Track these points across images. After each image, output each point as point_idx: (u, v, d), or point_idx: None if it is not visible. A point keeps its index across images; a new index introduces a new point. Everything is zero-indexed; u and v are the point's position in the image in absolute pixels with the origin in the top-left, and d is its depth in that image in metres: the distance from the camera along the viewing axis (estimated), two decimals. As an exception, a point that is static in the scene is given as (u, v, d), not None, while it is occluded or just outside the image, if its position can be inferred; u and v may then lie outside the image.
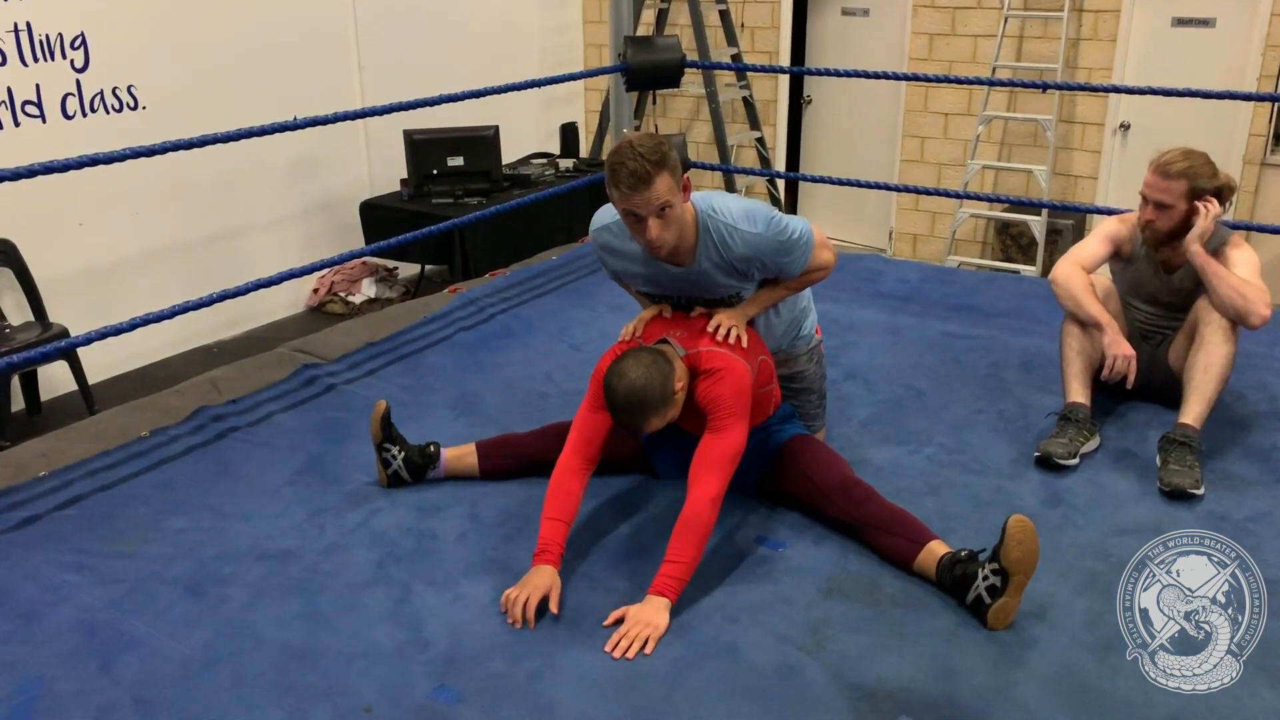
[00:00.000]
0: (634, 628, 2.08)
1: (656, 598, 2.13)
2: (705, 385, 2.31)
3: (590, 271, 4.39)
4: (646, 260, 2.45)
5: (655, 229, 2.25)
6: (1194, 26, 5.86)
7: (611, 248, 2.53)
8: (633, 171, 2.19)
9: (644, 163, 2.18)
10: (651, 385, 2.20)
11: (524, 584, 2.18)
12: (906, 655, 2.04)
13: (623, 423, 2.26)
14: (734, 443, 2.27)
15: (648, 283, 2.54)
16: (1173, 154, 2.83)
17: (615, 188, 2.24)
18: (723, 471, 2.24)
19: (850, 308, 3.86)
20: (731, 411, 2.27)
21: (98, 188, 4.52)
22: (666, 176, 2.22)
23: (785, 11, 6.95)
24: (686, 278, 2.45)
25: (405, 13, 6.06)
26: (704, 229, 2.38)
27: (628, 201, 2.23)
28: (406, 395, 3.19)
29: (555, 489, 2.30)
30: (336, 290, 5.96)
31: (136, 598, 2.22)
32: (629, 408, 2.21)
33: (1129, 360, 2.78)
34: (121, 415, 3.07)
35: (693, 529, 2.17)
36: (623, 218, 2.31)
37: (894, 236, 6.95)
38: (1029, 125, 6.28)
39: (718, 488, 2.22)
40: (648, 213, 2.23)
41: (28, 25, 4.34)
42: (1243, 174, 5.75)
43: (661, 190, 2.21)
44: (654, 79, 4.74)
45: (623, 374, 2.21)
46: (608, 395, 2.24)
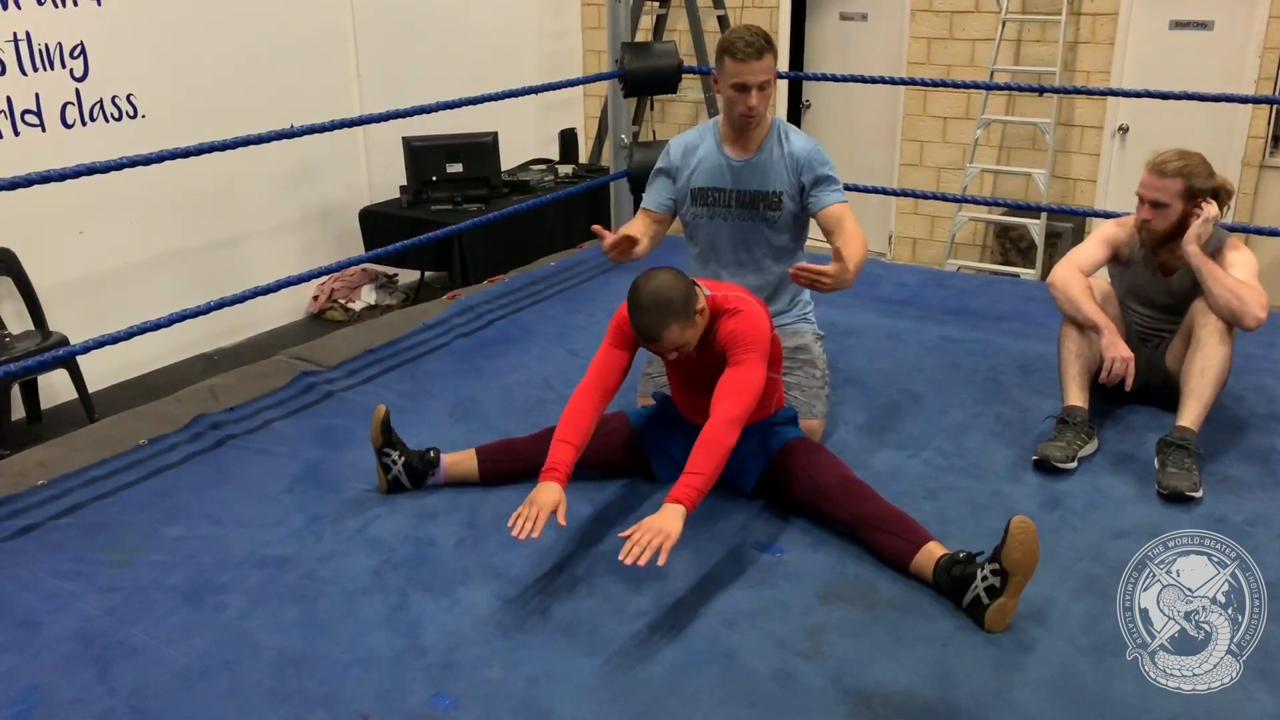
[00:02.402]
0: (645, 534, 2.06)
1: (673, 505, 2.14)
2: (727, 322, 2.40)
3: (589, 277, 4.40)
4: (713, 152, 2.92)
5: (755, 98, 2.75)
6: (1192, 29, 5.86)
7: (688, 145, 2.98)
8: (749, 43, 2.69)
9: (759, 39, 2.71)
10: (676, 293, 2.29)
11: (531, 501, 2.22)
12: (904, 660, 2.04)
13: (643, 326, 2.30)
14: (755, 375, 2.34)
15: (709, 175, 2.92)
16: (1168, 154, 2.84)
17: (731, 56, 2.71)
18: (744, 399, 2.30)
19: (849, 312, 3.86)
20: (751, 346, 2.36)
21: (97, 196, 4.54)
22: (771, 57, 2.73)
23: (784, 16, 6.96)
24: (745, 168, 2.89)
25: (404, 20, 6.07)
26: (774, 125, 2.92)
27: (739, 72, 2.71)
28: (405, 402, 3.20)
29: (569, 414, 2.39)
30: (336, 297, 5.97)
31: (134, 606, 2.22)
32: (652, 307, 2.28)
33: (1127, 362, 2.78)
34: (120, 423, 3.08)
35: (713, 445, 2.23)
36: (727, 91, 2.78)
37: (893, 240, 6.96)
38: (1028, 129, 6.29)
39: (739, 411, 2.28)
40: (754, 83, 2.73)
41: (27, 35, 4.35)
42: (1241, 176, 5.75)
43: (767, 65, 2.72)
44: (651, 85, 4.74)
45: (649, 278, 2.32)
46: (631, 296, 2.31)
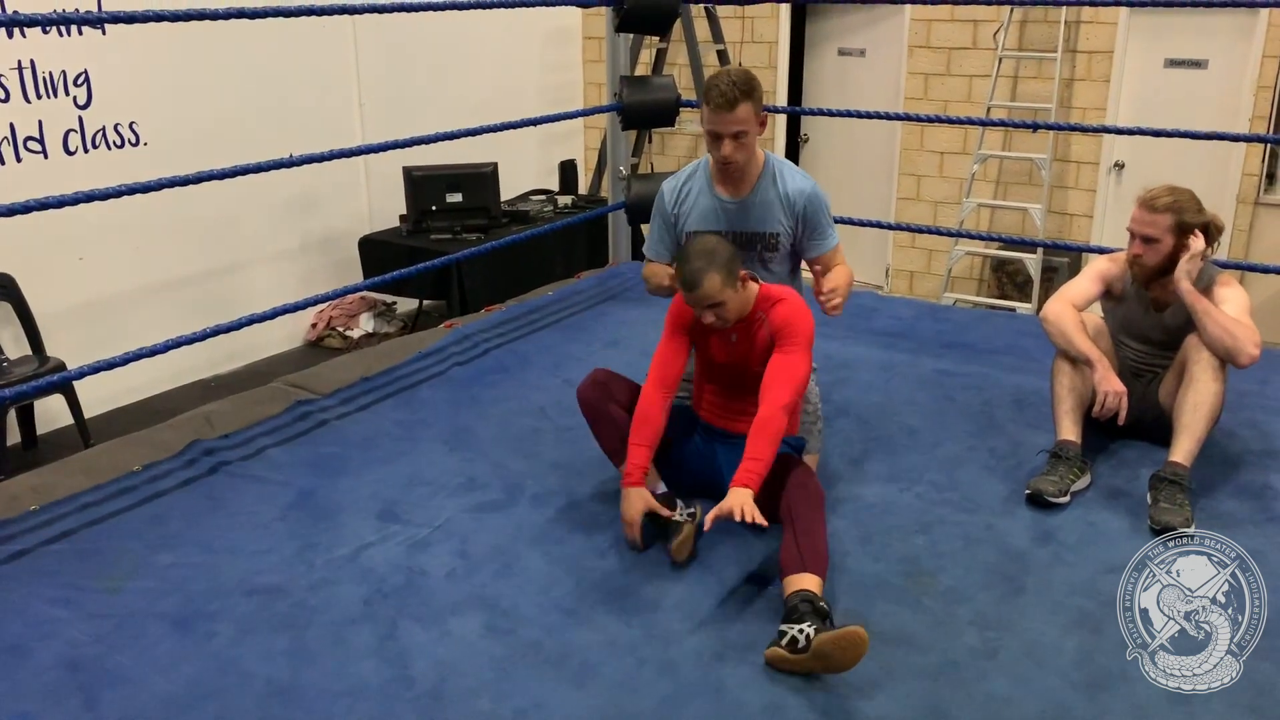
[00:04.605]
0: (733, 503, 2.25)
1: (741, 489, 2.29)
2: (781, 308, 2.53)
3: (586, 307, 4.41)
4: (704, 194, 2.87)
5: (729, 147, 2.69)
6: (1186, 68, 5.93)
7: (678, 187, 2.93)
8: (723, 93, 2.63)
9: (734, 89, 2.63)
10: (723, 249, 2.47)
11: (623, 517, 2.48)
12: (895, 694, 2.03)
13: (688, 271, 2.42)
14: (805, 366, 2.50)
15: (702, 218, 2.87)
16: (1158, 189, 2.86)
17: (706, 104, 2.68)
18: (794, 387, 2.45)
19: (844, 344, 3.87)
20: (803, 336, 2.50)
21: (98, 222, 4.56)
22: (748, 106, 2.65)
23: (782, 51, 7.03)
24: (739, 210, 2.84)
25: (406, 51, 6.13)
26: (767, 164, 2.85)
27: (714, 120, 2.67)
28: (399, 430, 3.20)
29: (640, 417, 2.56)
30: (335, 325, 5.99)
31: (123, 633, 2.21)
32: (700, 254, 2.43)
33: (1120, 396, 2.79)
34: (114, 449, 3.07)
35: (768, 430, 2.38)
36: (706, 135, 2.73)
37: (890, 273, 6.99)
38: (1024, 164, 6.33)
39: (790, 398, 2.43)
40: (726, 133, 2.67)
41: (31, 63, 4.40)
42: (1236, 213, 5.79)
43: (742, 116, 2.65)
44: (649, 118, 4.78)
45: (700, 237, 2.55)
46: (684, 248, 2.52)
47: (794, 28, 7.05)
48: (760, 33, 7.01)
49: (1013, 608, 2.30)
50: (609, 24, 4.69)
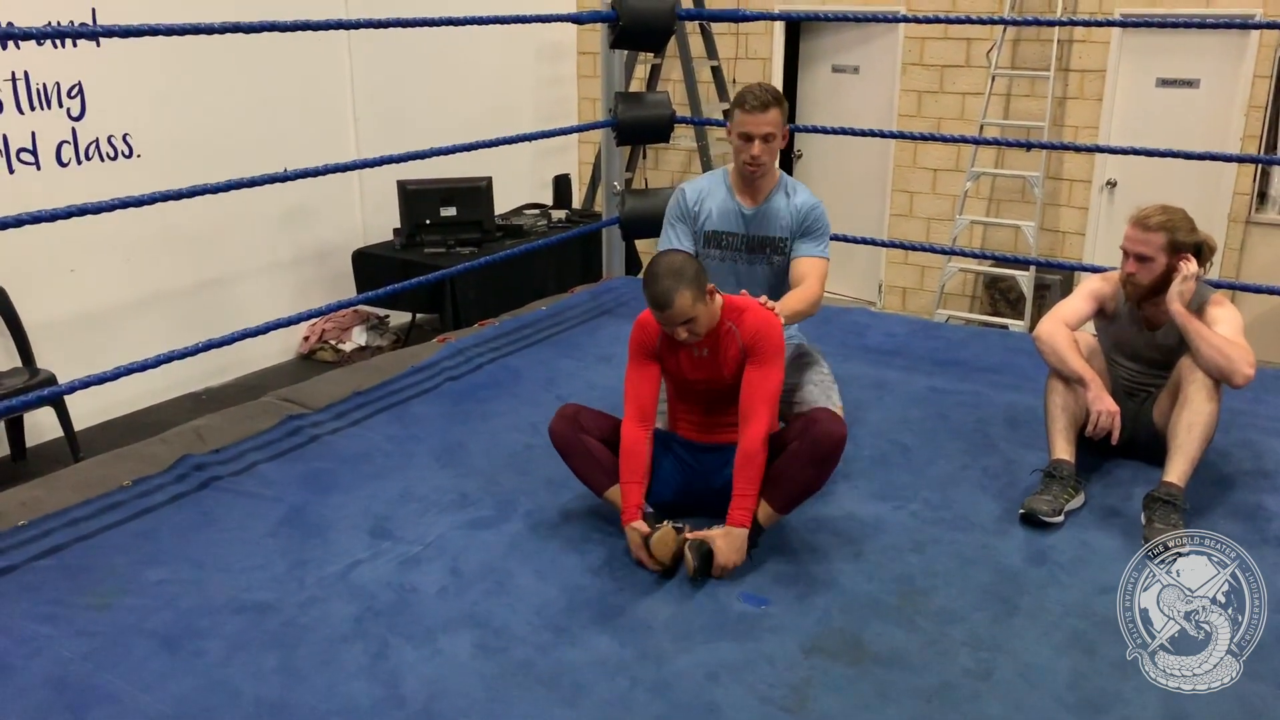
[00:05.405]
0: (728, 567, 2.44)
1: (736, 529, 2.44)
2: (750, 318, 2.58)
3: (580, 322, 4.41)
4: (724, 199, 3.15)
5: (759, 148, 2.98)
6: (1178, 87, 5.97)
7: (700, 190, 3.20)
8: (757, 96, 2.93)
9: (767, 94, 2.95)
10: (689, 267, 2.49)
11: (633, 555, 2.50)
12: (889, 716, 2.02)
13: (658, 292, 2.44)
14: (778, 380, 2.58)
15: (724, 218, 3.15)
16: (1151, 209, 2.87)
17: (740, 107, 2.96)
18: (770, 407, 2.53)
19: (836, 361, 3.85)
20: (775, 347, 2.56)
21: (91, 234, 4.54)
22: (778, 111, 2.96)
23: (776, 68, 7.06)
24: (755, 216, 3.13)
25: (401, 65, 6.14)
26: (781, 179, 3.16)
27: (746, 122, 2.95)
28: (391, 445, 3.18)
29: (626, 455, 2.59)
30: (327, 338, 5.97)
31: (111, 651, 2.19)
32: (666, 274, 2.45)
33: (1113, 416, 2.79)
34: (104, 464, 3.05)
35: (752, 463, 2.48)
36: (735, 139, 3.01)
37: (883, 290, 7.00)
38: (1017, 181, 6.36)
39: (767, 422, 2.51)
40: (758, 134, 2.96)
41: (25, 74, 4.39)
42: (1227, 232, 5.82)
43: (773, 119, 2.95)
44: (643, 134, 4.79)
45: (664, 256, 2.55)
46: (647, 271, 2.49)
47: (788, 45, 7.08)
48: (754, 49, 7.04)
49: (1006, 628, 2.29)
50: (604, 40, 4.70)
